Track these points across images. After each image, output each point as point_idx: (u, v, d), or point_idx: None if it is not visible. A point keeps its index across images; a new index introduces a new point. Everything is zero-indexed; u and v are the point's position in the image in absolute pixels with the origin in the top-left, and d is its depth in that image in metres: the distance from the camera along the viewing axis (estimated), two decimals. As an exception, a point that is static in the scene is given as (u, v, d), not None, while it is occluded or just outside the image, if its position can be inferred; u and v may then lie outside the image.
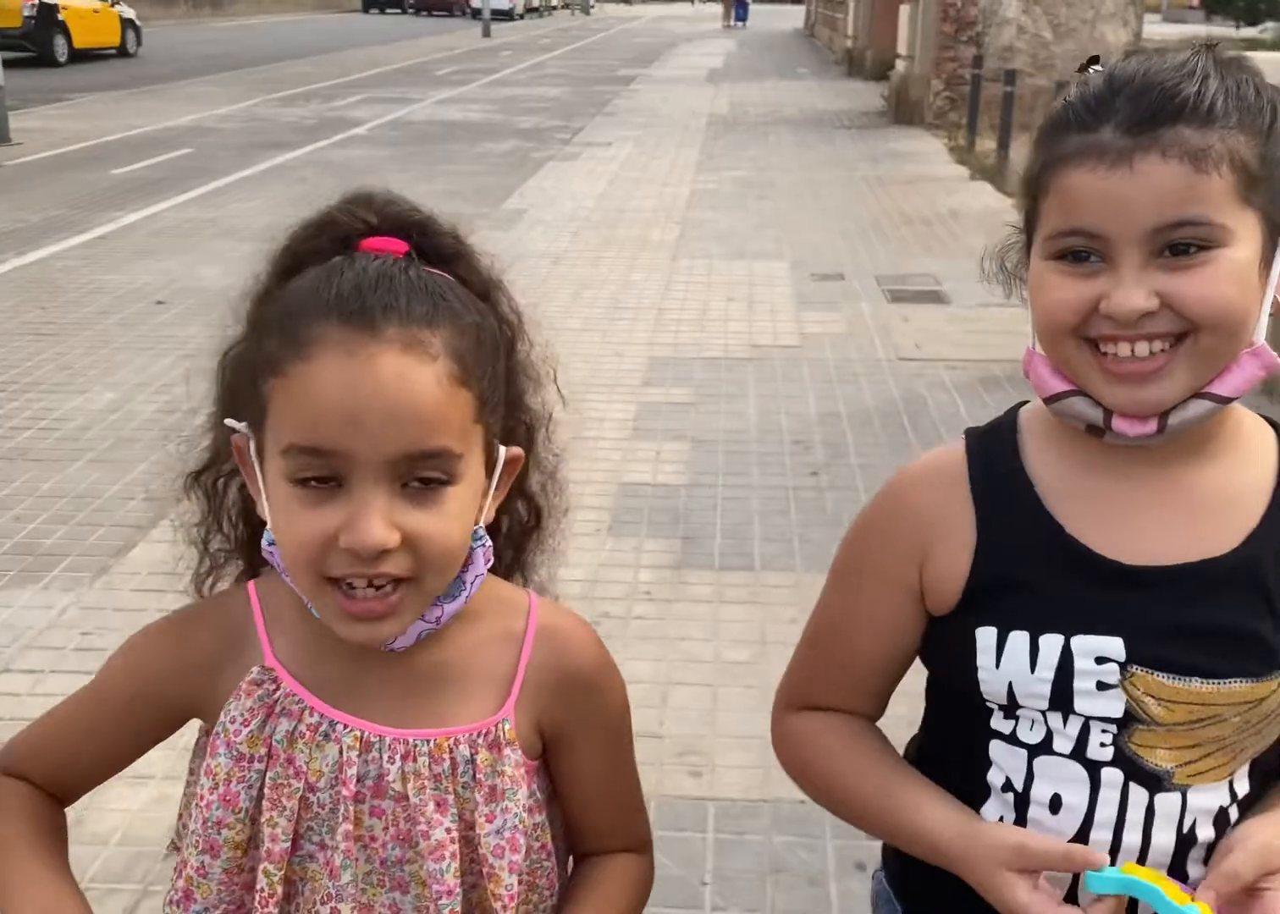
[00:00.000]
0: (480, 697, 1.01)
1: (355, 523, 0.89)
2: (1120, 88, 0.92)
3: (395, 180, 10.69)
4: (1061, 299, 0.94)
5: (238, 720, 0.99)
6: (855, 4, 24.28)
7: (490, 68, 23.75)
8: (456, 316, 0.93)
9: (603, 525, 3.95)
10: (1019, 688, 1.00)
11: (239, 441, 0.98)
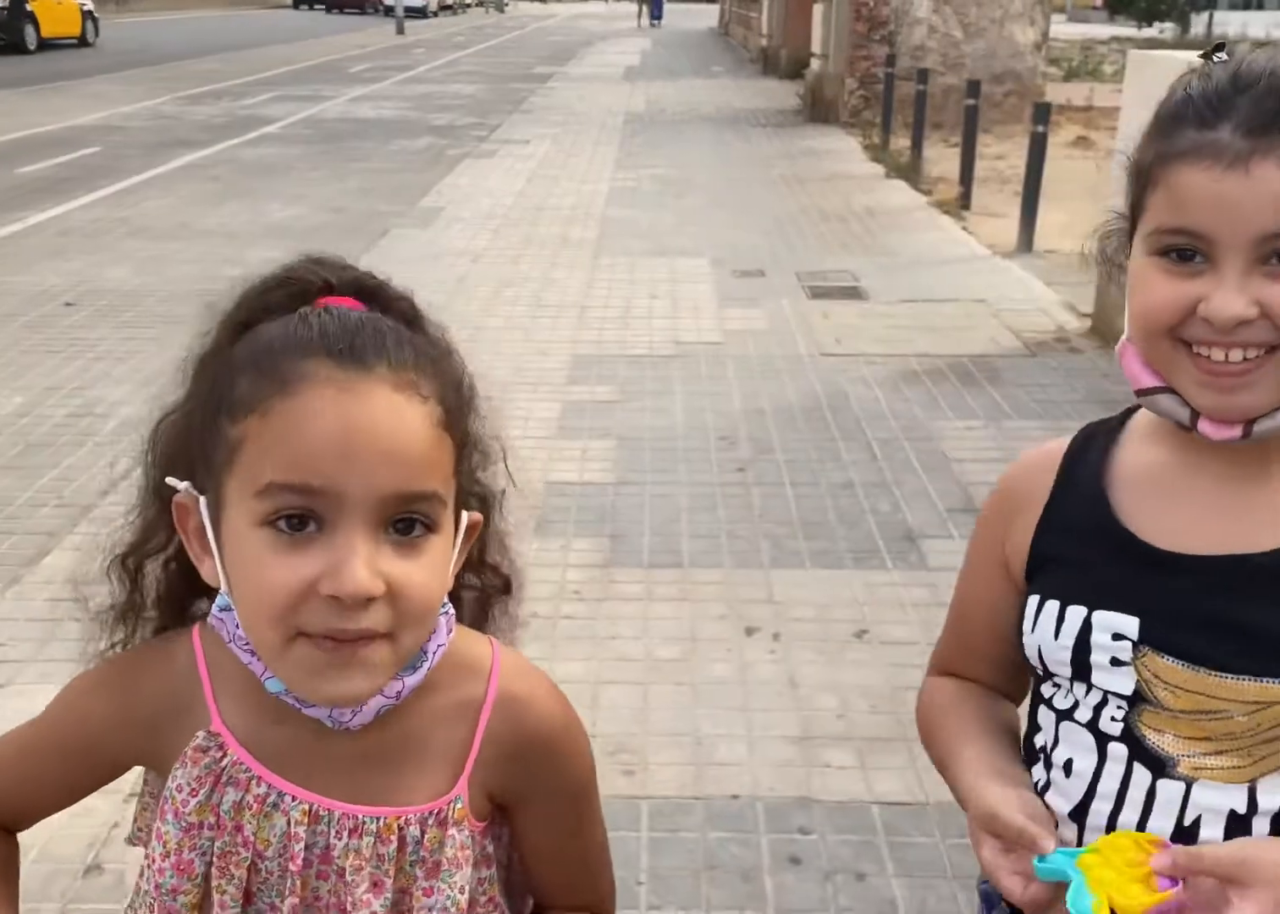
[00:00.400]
0: (434, 772, 0.98)
1: (340, 569, 0.83)
2: (1245, 86, 0.91)
3: (309, 178, 10.60)
4: (1161, 298, 0.93)
5: (184, 790, 0.96)
6: (769, 3, 24.44)
7: (404, 65, 23.53)
8: (438, 364, 0.91)
9: (528, 526, 3.93)
10: (1046, 654, 1.04)
11: (184, 501, 0.92)
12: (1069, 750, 1.04)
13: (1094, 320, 6.24)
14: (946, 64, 14.57)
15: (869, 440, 4.66)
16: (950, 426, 4.81)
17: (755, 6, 28.42)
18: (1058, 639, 1.02)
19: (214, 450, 0.88)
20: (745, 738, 2.85)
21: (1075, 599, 1.02)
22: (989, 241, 8.35)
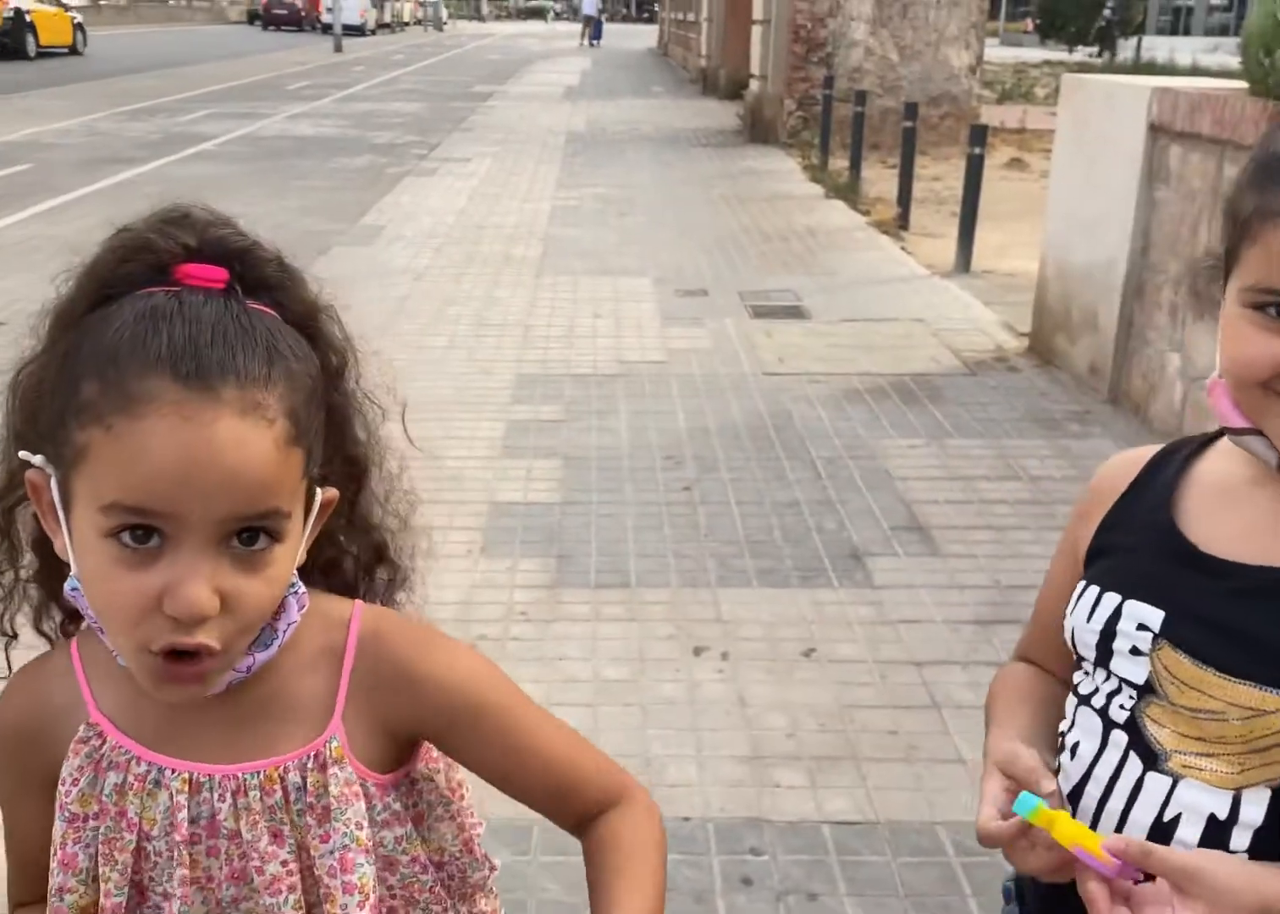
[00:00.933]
0: (307, 720, 0.98)
1: (179, 589, 0.84)
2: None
3: (247, 195, 10.50)
4: (1255, 352, 0.96)
5: (67, 781, 0.96)
6: (708, 24, 24.65)
7: (343, 83, 23.41)
8: (290, 372, 0.89)
9: (475, 546, 3.90)
10: (1077, 636, 1.09)
11: (35, 478, 0.91)
12: (1079, 734, 1.09)
13: (1031, 340, 6.34)
14: (884, 86, 14.77)
15: (813, 459, 4.69)
16: (893, 445, 4.86)
17: (694, 28, 28.64)
18: (1089, 622, 1.07)
19: (62, 444, 0.87)
20: (695, 758, 2.84)
21: (1113, 587, 1.07)
22: (927, 261, 8.46)
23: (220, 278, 0.89)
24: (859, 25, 14.78)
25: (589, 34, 45.67)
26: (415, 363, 5.81)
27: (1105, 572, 1.09)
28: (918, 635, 3.38)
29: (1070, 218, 5.98)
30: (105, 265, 0.91)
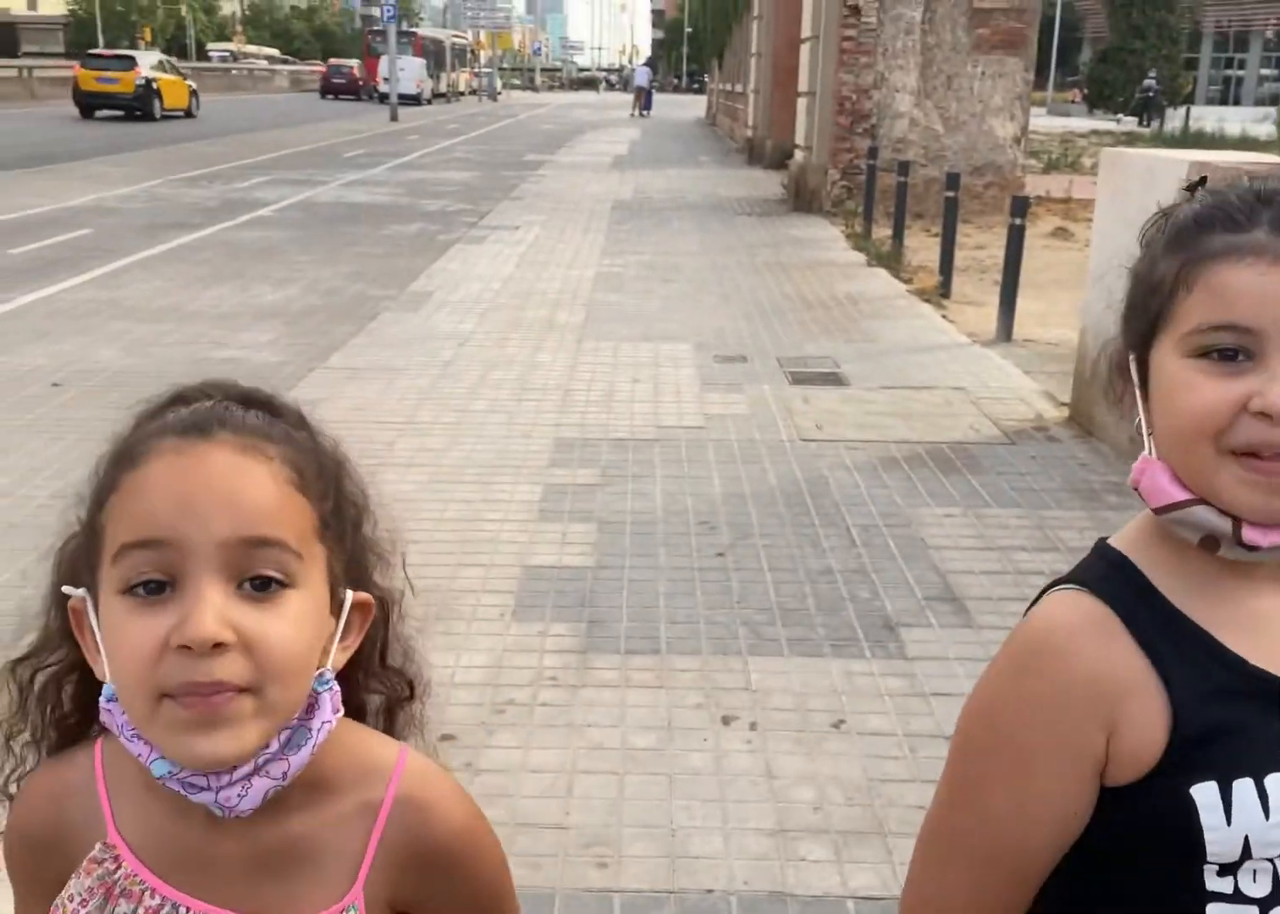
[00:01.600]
0: (329, 879, 0.96)
1: (187, 618, 0.85)
2: (1269, 197, 0.95)
3: (300, 261, 10.72)
4: (1208, 400, 0.91)
5: (75, 899, 0.95)
6: (755, 95, 25.02)
7: (397, 151, 23.92)
8: (292, 439, 0.93)
9: (507, 610, 3.92)
10: (1255, 838, 0.91)
11: (76, 605, 0.94)
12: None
13: (1071, 410, 6.31)
14: (928, 156, 14.89)
15: (848, 526, 4.68)
16: (929, 513, 4.84)
17: (741, 99, 29.08)
18: (1270, 818, 0.91)
19: (91, 550, 0.92)
20: (720, 830, 2.82)
21: (1269, 768, 0.92)
22: (968, 330, 8.47)
23: None
24: (904, 97, 14.94)
25: (639, 104, 46.47)
26: (457, 426, 5.89)
27: (1237, 758, 0.92)
28: (950, 708, 3.34)
29: (1110, 288, 5.97)
30: (141, 419, 0.95)
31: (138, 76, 30.70)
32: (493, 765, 3.05)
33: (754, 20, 25.72)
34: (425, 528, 4.56)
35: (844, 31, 14.71)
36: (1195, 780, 0.92)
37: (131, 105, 30.98)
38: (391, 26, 37.23)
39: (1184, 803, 0.92)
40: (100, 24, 69.14)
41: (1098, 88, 44.02)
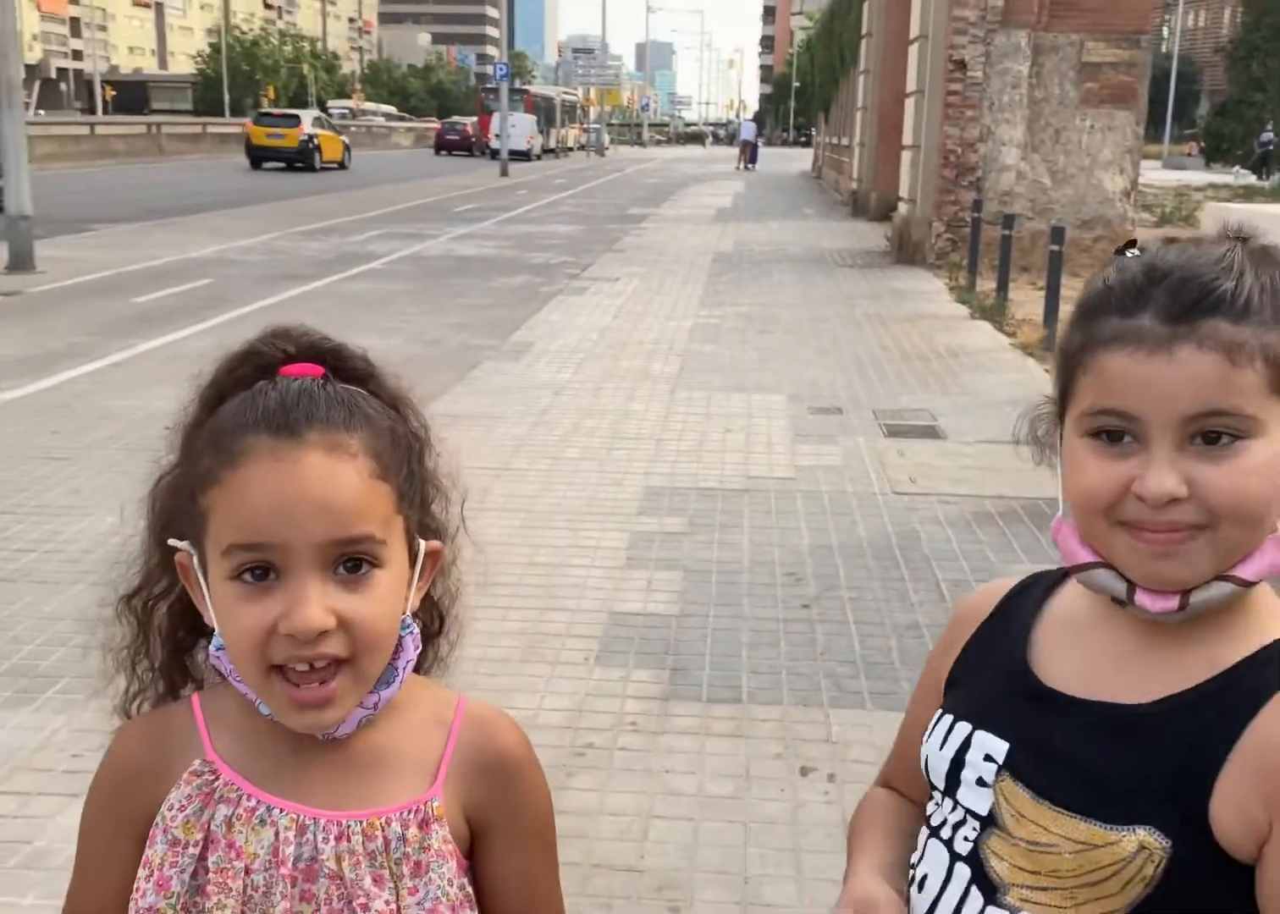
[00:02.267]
0: (411, 779, 1.07)
1: (293, 610, 0.97)
2: (1160, 278, 0.97)
3: (408, 312, 11.01)
4: (1096, 480, 0.98)
5: (174, 807, 1.04)
6: (860, 148, 25.10)
7: (506, 206, 24.47)
8: (371, 422, 1.03)
9: (591, 654, 3.97)
10: (930, 764, 1.10)
11: (182, 559, 1.05)
12: (926, 866, 1.09)
13: (1174, 465, 6.18)
14: (1035, 209, 14.78)
15: (938, 581, 4.65)
16: (1023, 570, 4.69)
17: (847, 151, 29.18)
18: (941, 750, 1.09)
19: (194, 518, 1.02)
20: (795, 879, 2.82)
21: (965, 716, 1.09)
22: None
23: (316, 372, 1.05)
24: (1010, 150, 14.88)
25: (745, 158, 46.89)
26: (550, 473, 5.99)
27: (960, 701, 1.11)
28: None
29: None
30: (220, 375, 1.07)
31: (301, 133, 34.65)
32: (570, 807, 3.09)
33: (860, 75, 25.86)
34: (515, 572, 4.64)
35: (949, 85, 14.74)
36: (941, 707, 1.13)
37: (295, 158, 34.88)
38: (504, 84, 38.19)
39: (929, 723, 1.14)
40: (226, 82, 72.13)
41: (1215, 141, 43.25)
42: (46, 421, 6.87)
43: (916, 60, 15.87)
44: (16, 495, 5.52)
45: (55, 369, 8.25)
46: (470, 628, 4.18)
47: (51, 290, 11.81)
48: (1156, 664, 1.02)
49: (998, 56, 14.42)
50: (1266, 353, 0.95)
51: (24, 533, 5.04)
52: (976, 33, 14.35)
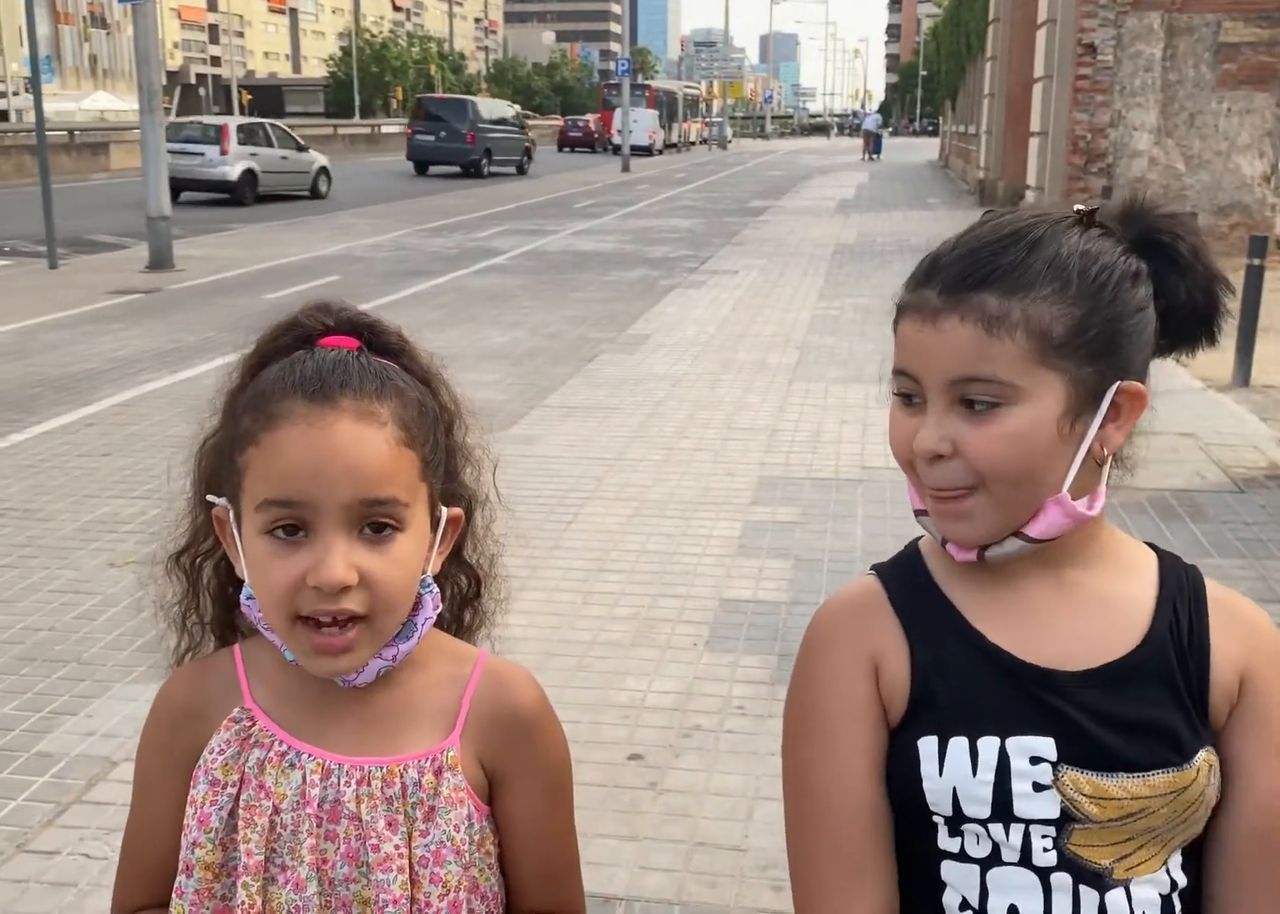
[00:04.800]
0: (429, 730, 1.13)
1: (320, 565, 1.03)
2: (953, 250, 1.04)
3: (527, 305, 11.18)
4: (898, 436, 1.07)
5: (215, 751, 1.12)
6: (987, 136, 24.62)
7: (626, 200, 24.61)
8: (401, 393, 1.09)
9: (700, 639, 4.01)
10: (963, 793, 1.02)
11: (220, 514, 1.12)
12: (1007, 897, 1.03)
13: (1310, 457, 5.97)
14: (1168, 196, 14.32)
15: (1055, 571, 4.56)
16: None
17: (974, 140, 28.64)
18: (976, 775, 1.02)
19: (231, 475, 1.10)
20: (898, 864, 2.81)
21: (984, 730, 1.03)
22: (1203, 374, 8.10)
23: (352, 345, 1.11)
24: (1142, 135, 14.46)
25: (869, 149, 46.34)
26: (664, 463, 6.04)
27: (958, 718, 1.04)
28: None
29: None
30: (262, 343, 1.14)
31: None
32: (676, 786, 3.14)
33: (988, 61, 25.37)
34: (628, 559, 4.71)
35: (1079, 70, 14.39)
36: (922, 734, 1.04)
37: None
38: (626, 80, 38.36)
39: (913, 753, 1.04)
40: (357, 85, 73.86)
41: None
42: (182, 412, 7.16)
43: (1045, 45, 15.52)
44: (153, 482, 5.78)
45: (192, 362, 8.59)
46: (582, 613, 4.29)
47: (189, 287, 12.29)
48: (1108, 619, 1.07)
49: (1129, 39, 14.02)
50: (1029, 325, 0.99)
51: (161, 517, 5.27)
52: (1107, 15, 13.97)
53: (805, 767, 1.10)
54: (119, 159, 31.54)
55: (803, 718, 1.11)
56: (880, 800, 1.06)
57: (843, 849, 1.06)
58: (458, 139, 32.63)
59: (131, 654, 3.92)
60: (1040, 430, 1.00)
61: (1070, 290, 1.00)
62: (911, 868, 1.06)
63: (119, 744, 3.35)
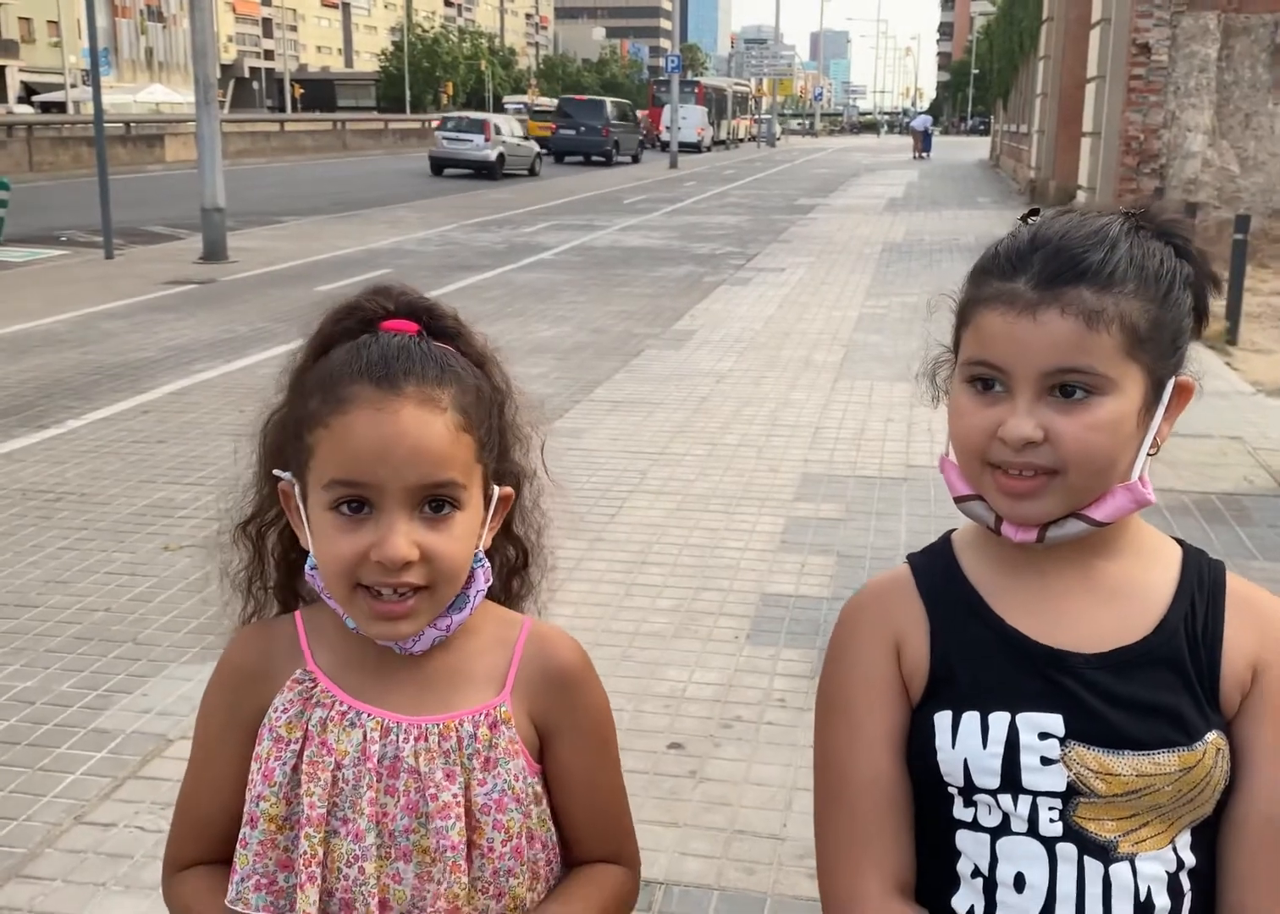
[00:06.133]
0: (482, 689, 1.20)
1: (384, 542, 1.10)
2: (1040, 246, 1.08)
3: (574, 300, 11.25)
4: (970, 422, 1.10)
5: (278, 709, 1.19)
6: (1039, 136, 24.42)
7: (674, 197, 24.64)
8: (460, 379, 1.15)
9: (742, 633, 4.05)
10: (973, 764, 1.09)
11: (285, 487, 1.19)
12: (1014, 865, 1.09)
13: (1360, 462, 5.91)
14: (1222, 198, 14.18)
15: (1098, 572, 4.56)
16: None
17: (1025, 139, 28.41)
18: (986, 747, 1.09)
19: (299, 452, 1.16)
20: (934, 857, 2.84)
21: (995, 706, 1.09)
22: (1254, 378, 8.04)
23: (412, 329, 1.17)
24: (1196, 136, 14.30)
25: (919, 147, 46.06)
26: (708, 458, 6.09)
27: (971, 694, 1.11)
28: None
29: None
30: (326, 325, 1.19)
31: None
32: (716, 775, 3.18)
33: (1040, 60, 25.16)
34: (670, 552, 4.76)
35: (1132, 70, 14.24)
36: (938, 710, 1.11)
37: None
38: (675, 77, 38.36)
39: (928, 727, 1.11)
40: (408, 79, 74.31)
41: None
42: (234, 401, 7.30)
43: (1098, 44, 15.39)
44: (207, 469, 5.90)
45: (245, 352, 8.73)
46: (625, 604, 4.35)
47: (243, 279, 12.48)
48: (1123, 605, 1.11)
49: (1184, 39, 13.87)
50: (1123, 320, 1.05)
51: (214, 503, 5.38)
52: (1162, 15, 13.83)
53: (829, 742, 1.17)
54: (173, 151, 32.03)
55: (829, 696, 1.19)
56: (899, 774, 1.13)
57: (858, 819, 1.13)
58: (595, 133, 38.38)
59: (186, 636, 4.02)
60: (1126, 420, 1.06)
61: (1149, 289, 1.07)
62: (930, 838, 1.13)
63: (174, 722, 3.44)
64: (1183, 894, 1.08)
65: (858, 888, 1.11)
